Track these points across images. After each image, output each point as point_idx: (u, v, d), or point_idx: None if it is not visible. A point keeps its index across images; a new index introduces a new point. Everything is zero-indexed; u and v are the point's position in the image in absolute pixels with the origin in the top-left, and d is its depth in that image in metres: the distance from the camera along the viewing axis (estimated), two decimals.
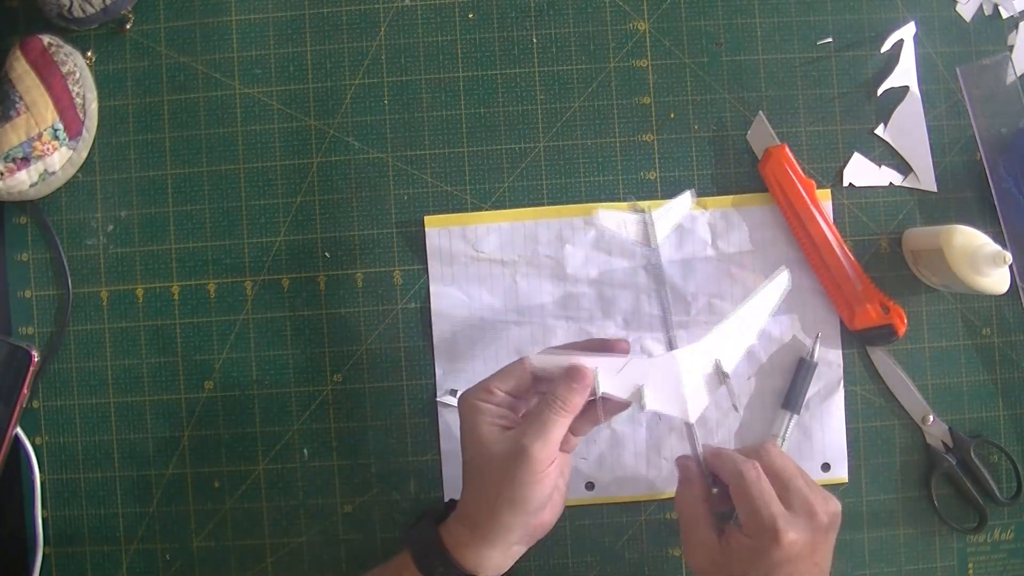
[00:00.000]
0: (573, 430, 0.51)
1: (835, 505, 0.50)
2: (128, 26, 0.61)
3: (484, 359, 0.61)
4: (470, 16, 0.62)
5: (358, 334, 0.61)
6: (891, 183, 0.62)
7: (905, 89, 0.62)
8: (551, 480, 0.49)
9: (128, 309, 0.61)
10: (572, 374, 0.50)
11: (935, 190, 0.62)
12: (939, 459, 0.61)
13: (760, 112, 0.61)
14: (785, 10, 0.62)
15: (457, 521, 0.51)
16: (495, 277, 0.61)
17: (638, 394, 0.50)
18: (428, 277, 0.61)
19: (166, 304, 0.61)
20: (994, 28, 0.63)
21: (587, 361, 0.51)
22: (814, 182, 0.60)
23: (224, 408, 0.61)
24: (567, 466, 0.55)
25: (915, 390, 0.61)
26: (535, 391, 0.53)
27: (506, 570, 0.52)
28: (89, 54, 0.61)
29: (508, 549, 0.51)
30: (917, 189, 0.62)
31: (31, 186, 0.58)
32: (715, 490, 0.52)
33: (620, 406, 0.52)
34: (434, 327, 0.61)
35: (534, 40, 0.62)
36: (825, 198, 0.61)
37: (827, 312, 0.61)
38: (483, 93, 0.62)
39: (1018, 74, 0.61)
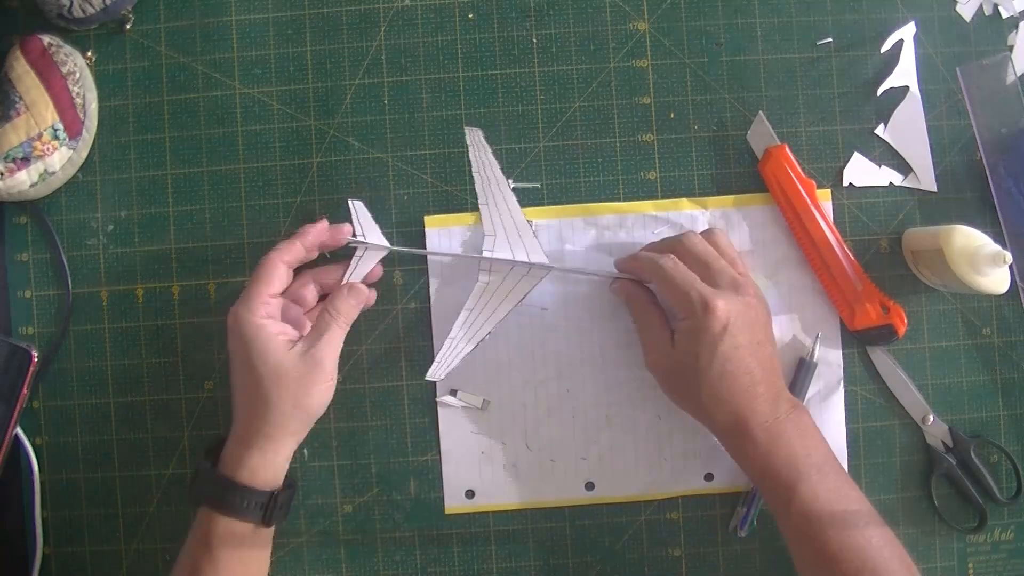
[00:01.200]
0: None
1: (755, 285, 0.54)
2: (128, 26, 0.61)
3: (484, 360, 0.61)
4: (470, 16, 0.62)
5: (358, 334, 0.61)
6: (891, 183, 0.62)
7: (905, 89, 0.62)
8: (335, 379, 0.55)
9: (128, 309, 0.61)
10: (353, 291, 0.56)
11: (935, 190, 0.62)
12: (939, 459, 0.61)
13: (760, 112, 0.61)
14: (785, 10, 0.62)
15: (237, 445, 0.53)
16: None
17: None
18: (428, 277, 0.61)
19: (166, 304, 0.61)
20: (994, 28, 0.63)
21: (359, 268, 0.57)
22: (814, 182, 0.60)
23: (224, 408, 0.61)
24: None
25: (915, 390, 0.61)
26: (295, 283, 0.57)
27: (283, 471, 0.55)
28: (89, 54, 0.61)
29: (291, 450, 0.55)
30: (917, 189, 0.62)
31: (31, 186, 0.58)
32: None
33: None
34: (434, 327, 0.61)
35: (534, 40, 0.62)
36: (825, 198, 0.61)
37: (827, 312, 0.61)
38: (483, 93, 0.62)
39: (1018, 74, 0.61)
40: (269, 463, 0.53)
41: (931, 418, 0.61)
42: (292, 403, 0.53)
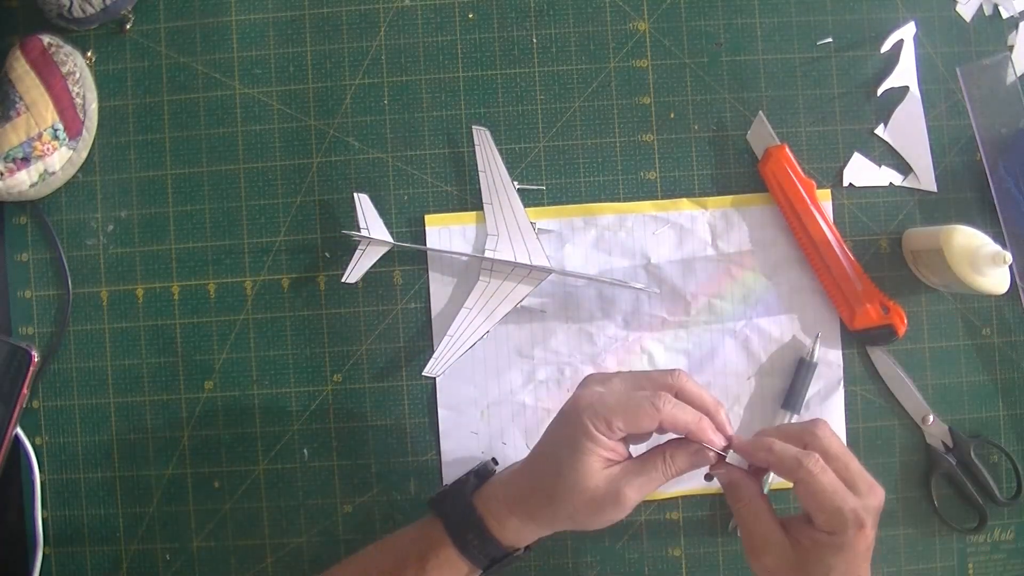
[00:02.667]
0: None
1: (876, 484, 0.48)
2: (128, 26, 0.61)
3: (484, 360, 0.61)
4: (470, 16, 0.62)
5: (358, 334, 0.61)
6: (891, 183, 0.62)
7: (905, 89, 0.62)
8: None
9: (128, 309, 0.61)
10: (700, 457, 0.49)
11: (935, 190, 0.62)
12: (939, 459, 0.61)
13: (760, 112, 0.61)
14: (785, 10, 0.62)
15: (498, 499, 0.50)
16: None
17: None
18: (428, 277, 0.61)
19: (166, 304, 0.61)
20: (994, 28, 0.63)
21: (714, 438, 0.48)
22: (814, 182, 0.60)
23: (224, 408, 0.61)
24: None
25: (915, 390, 0.61)
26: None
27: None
28: (89, 54, 0.61)
29: (544, 535, 0.51)
30: (917, 189, 0.62)
31: (31, 186, 0.58)
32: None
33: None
34: (434, 327, 0.61)
35: (534, 40, 0.62)
36: (825, 198, 0.61)
37: (827, 312, 0.61)
38: (483, 93, 0.62)
39: (1018, 74, 0.61)
40: (522, 533, 0.50)
41: (931, 418, 0.61)
42: (571, 512, 0.48)
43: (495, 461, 0.55)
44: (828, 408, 0.61)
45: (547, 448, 0.50)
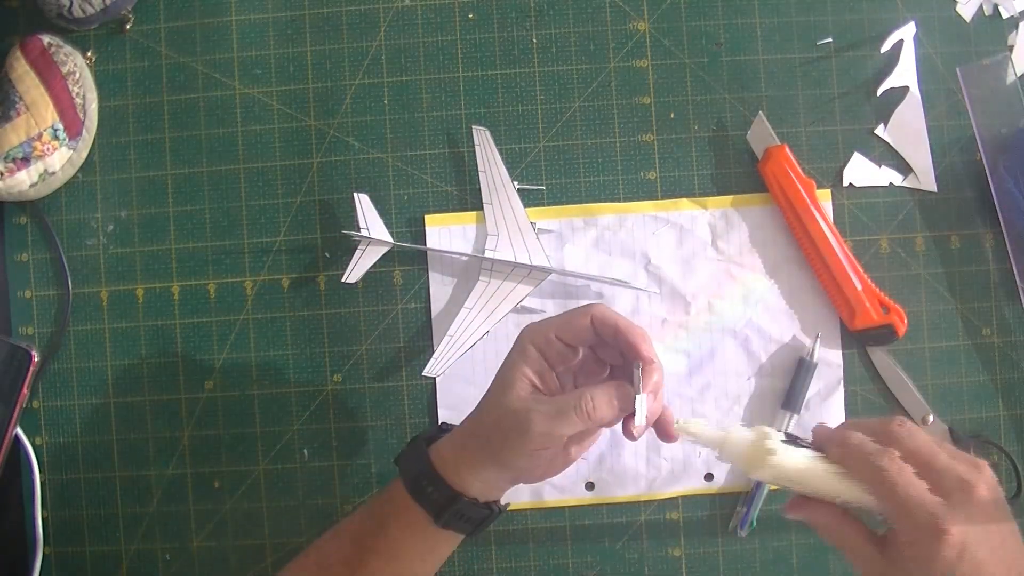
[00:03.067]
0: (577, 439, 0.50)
1: (987, 469, 0.42)
2: (128, 26, 0.61)
3: (484, 360, 0.61)
4: (470, 16, 0.62)
5: (358, 334, 0.61)
6: (891, 183, 0.62)
7: (905, 89, 0.62)
8: (545, 457, 0.47)
9: (128, 309, 0.61)
10: (622, 395, 0.47)
11: (935, 190, 0.62)
12: None
13: (760, 112, 0.61)
14: (785, 10, 0.62)
15: (451, 443, 0.50)
16: None
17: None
18: (428, 277, 0.61)
19: (166, 304, 0.61)
20: (994, 28, 0.63)
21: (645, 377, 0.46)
22: (814, 182, 0.60)
23: (224, 408, 0.61)
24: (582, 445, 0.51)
25: (915, 390, 0.61)
26: (589, 347, 0.50)
27: (496, 496, 0.50)
28: (89, 54, 0.61)
29: (496, 483, 0.49)
30: (917, 189, 0.62)
31: (31, 186, 0.58)
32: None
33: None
34: (434, 327, 0.61)
35: (534, 40, 0.62)
36: (825, 198, 0.61)
37: (827, 312, 0.61)
38: (483, 93, 0.62)
39: (1018, 74, 0.61)
40: (472, 484, 0.48)
41: (931, 418, 0.61)
42: (488, 435, 0.48)
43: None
44: (828, 408, 0.61)
45: (491, 386, 0.50)
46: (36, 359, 0.60)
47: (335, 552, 0.51)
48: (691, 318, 0.61)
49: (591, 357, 0.51)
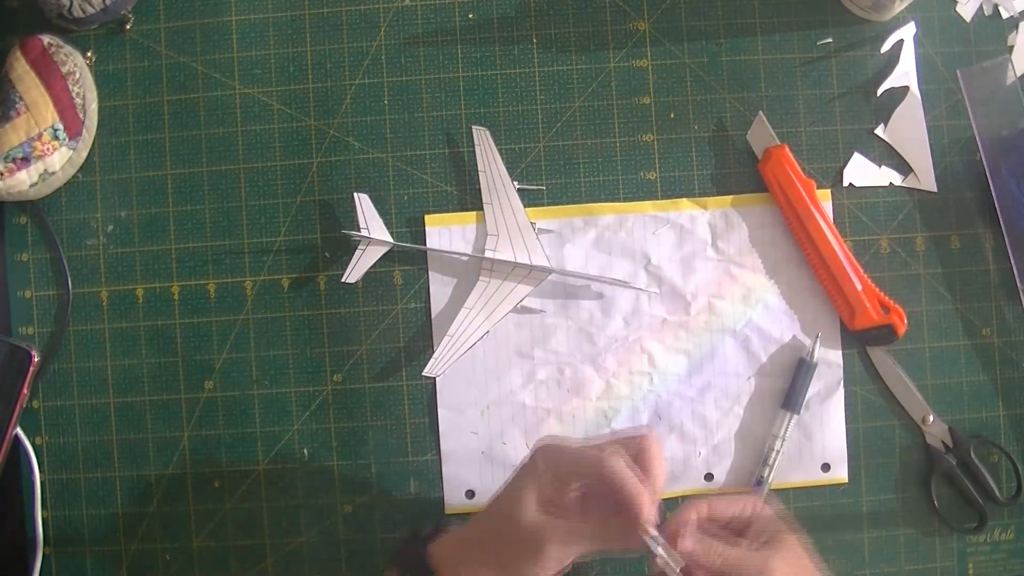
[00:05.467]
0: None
1: (766, 508, 0.48)
2: (128, 26, 0.61)
3: (484, 360, 0.61)
4: (470, 16, 0.62)
5: (358, 334, 0.61)
6: (891, 183, 0.62)
7: (905, 89, 0.62)
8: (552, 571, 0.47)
9: (128, 309, 0.61)
10: (629, 530, 0.46)
11: (935, 190, 0.62)
12: (939, 459, 0.61)
13: (760, 112, 0.61)
14: (785, 10, 0.62)
15: (453, 545, 0.50)
16: None
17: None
18: (428, 277, 0.61)
19: (166, 304, 0.61)
20: (994, 28, 0.63)
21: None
22: (814, 182, 0.60)
23: (224, 408, 0.61)
24: None
25: (915, 390, 0.61)
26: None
27: None
28: (89, 54, 0.61)
29: None
30: (917, 189, 0.62)
31: (31, 186, 0.58)
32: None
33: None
34: (434, 327, 0.61)
35: (534, 40, 0.62)
36: (825, 198, 0.61)
37: (827, 312, 0.61)
38: (483, 93, 0.62)
39: (1018, 75, 0.61)
40: None
41: (931, 418, 0.61)
42: (496, 551, 0.47)
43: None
44: (828, 408, 0.61)
45: (499, 492, 0.50)
46: (36, 359, 0.60)
47: None
48: (691, 318, 0.61)
49: None
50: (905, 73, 0.62)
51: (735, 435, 0.61)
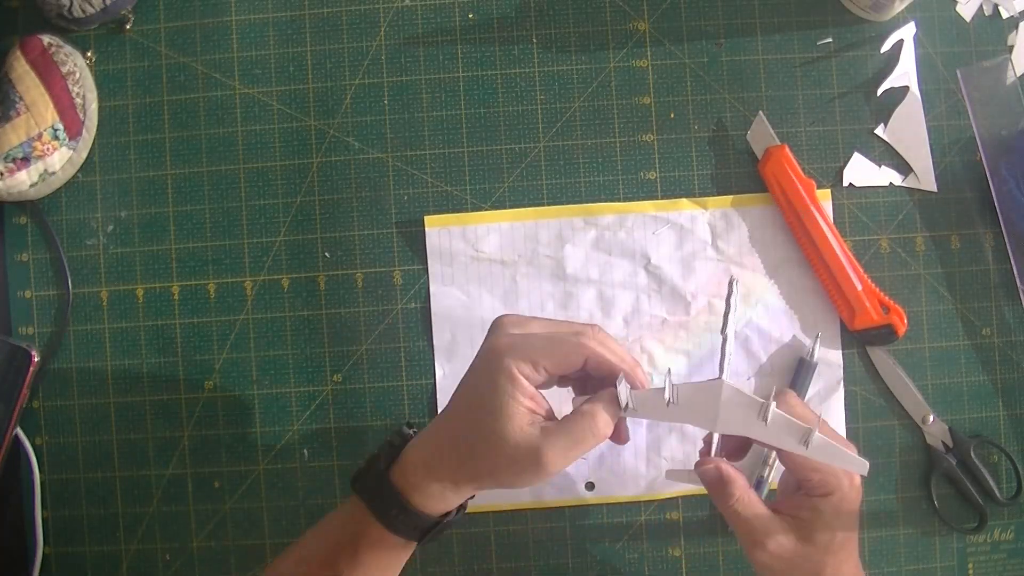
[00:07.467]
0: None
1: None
2: (128, 26, 0.61)
3: None
4: (470, 16, 0.62)
5: (358, 334, 0.61)
6: (891, 183, 0.62)
7: (905, 89, 0.62)
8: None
9: (128, 309, 0.61)
10: (615, 411, 0.46)
11: (935, 190, 0.62)
12: (939, 459, 0.61)
13: (760, 112, 0.61)
14: (785, 10, 0.62)
15: (415, 467, 0.47)
16: (495, 277, 0.61)
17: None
18: (428, 277, 0.61)
19: (166, 304, 0.61)
20: (994, 28, 0.63)
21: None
22: (814, 182, 0.60)
23: (224, 408, 0.61)
24: None
25: (915, 390, 0.61)
26: (577, 376, 0.48)
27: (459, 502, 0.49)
28: (89, 54, 0.61)
29: (465, 493, 0.48)
30: (917, 189, 0.62)
31: (31, 186, 0.58)
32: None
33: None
34: (434, 327, 0.61)
35: (534, 40, 0.62)
36: (825, 198, 0.61)
37: (827, 312, 0.61)
38: (483, 93, 0.62)
39: (1018, 75, 0.61)
40: (446, 497, 0.47)
41: (931, 418, 0.61)
42: (491, 468, 0.46)
43: (410, 425, 0.50)
44: (828, 408, 0.61)
45: (464, 400, 0.47)
46: (36, 359, 0.60)
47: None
48: (691, 318, 0.61)
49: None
50: (905, 73, 0.62)
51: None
